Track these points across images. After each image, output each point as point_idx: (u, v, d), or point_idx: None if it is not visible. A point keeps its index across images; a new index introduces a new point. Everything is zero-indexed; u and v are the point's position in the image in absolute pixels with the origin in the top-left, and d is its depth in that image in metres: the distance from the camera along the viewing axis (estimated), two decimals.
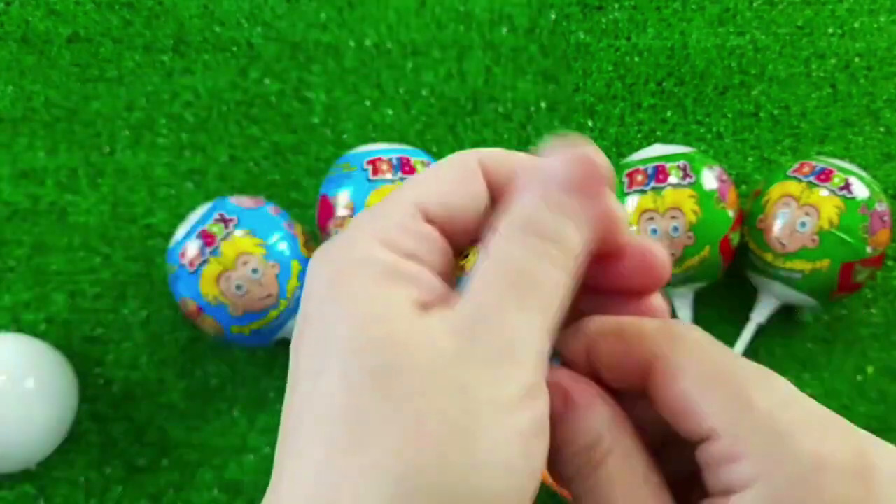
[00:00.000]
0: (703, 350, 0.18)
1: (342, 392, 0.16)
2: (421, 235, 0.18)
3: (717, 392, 0.17)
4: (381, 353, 0.16)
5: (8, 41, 0.57)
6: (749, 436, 0.16)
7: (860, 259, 0.45)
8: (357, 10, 0.59)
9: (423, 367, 0.16)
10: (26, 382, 0.45)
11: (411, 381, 0.16)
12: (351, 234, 0.19)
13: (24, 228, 0.53)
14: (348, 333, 0.17)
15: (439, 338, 0.16)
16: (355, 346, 0.16)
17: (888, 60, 0.58)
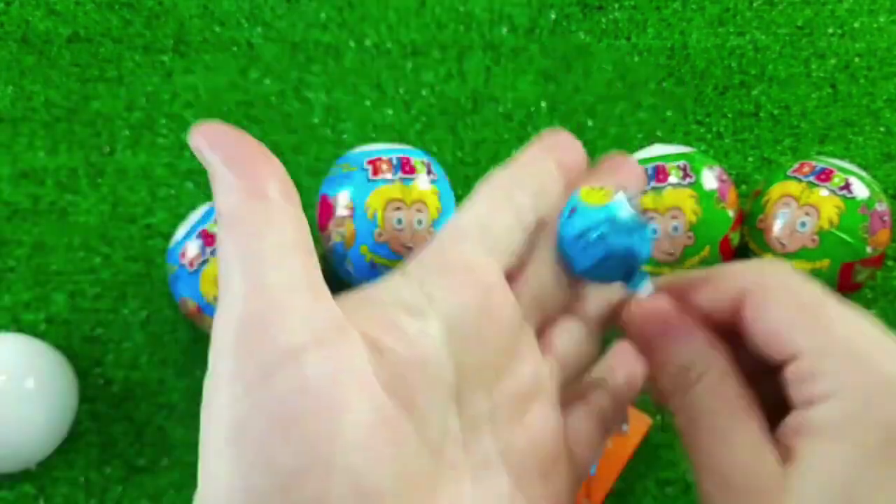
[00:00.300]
0: (790, 283, 0.20)
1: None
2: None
3: (803, 318, 0.19)
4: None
5: (8, 41, 0.57)
6: (830, 355, 0.18)
7: (860, 259, 0.45)
8: (357, 10, 0.59)
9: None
10: (26, 382, 0.45)
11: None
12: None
13: (23, 228, 0.53)
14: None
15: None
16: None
17: (888, 60, 0.58)
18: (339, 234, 0.46)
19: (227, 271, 0.17)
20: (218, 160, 0.18)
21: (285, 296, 0.17)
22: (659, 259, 0.46)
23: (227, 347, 0.17)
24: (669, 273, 0.23)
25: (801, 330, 0.19)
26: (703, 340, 0.21)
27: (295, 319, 0.17)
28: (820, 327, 0.19)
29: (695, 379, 0.20)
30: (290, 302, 0.17)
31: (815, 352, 0.19)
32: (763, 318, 0.20)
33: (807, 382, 0.18)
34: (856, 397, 0.18)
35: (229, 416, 0.16)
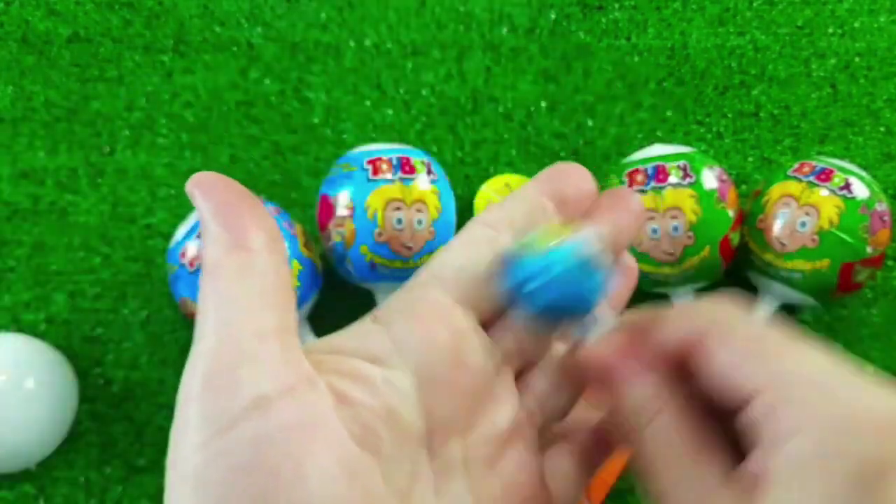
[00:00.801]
0: (739, 323, 0.20)
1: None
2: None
3: (758, 355, 0.19)
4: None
5: (8, 41, 0.57)
6: (790, 391, 0.18)
7: (860, 259, 0.45)
8: (357, 10, 0.59)
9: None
10: (26, 382, 0.45)
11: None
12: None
13: (23, 228, 0.53)
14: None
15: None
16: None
17: (888, 60, 0.58)
18: (339, 234, 0.46)
19: (202, 318, 0.18)
20: (208, 211, 0.19)
21: (254, 345, 0.17)
22: (659, 259, 0.46)
23: (193, 394, 0.17)
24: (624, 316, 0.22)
25: (756, 368, 0.18)
26: (652, 382, 0.20)
27: (263, 369, 0.17)
28: (776, 364, 0.18)
29: (646, 422, 0.20)
30: (259, 351, 0.17)
31: (773, 388, 0.18)
32: (716, 360, 0.19)
33: (767, 421, 0.18)
34: (819, 435, 0.17)
35: (193, 463, 0.16)
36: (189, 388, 0.17)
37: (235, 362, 0.17)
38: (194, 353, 0.17)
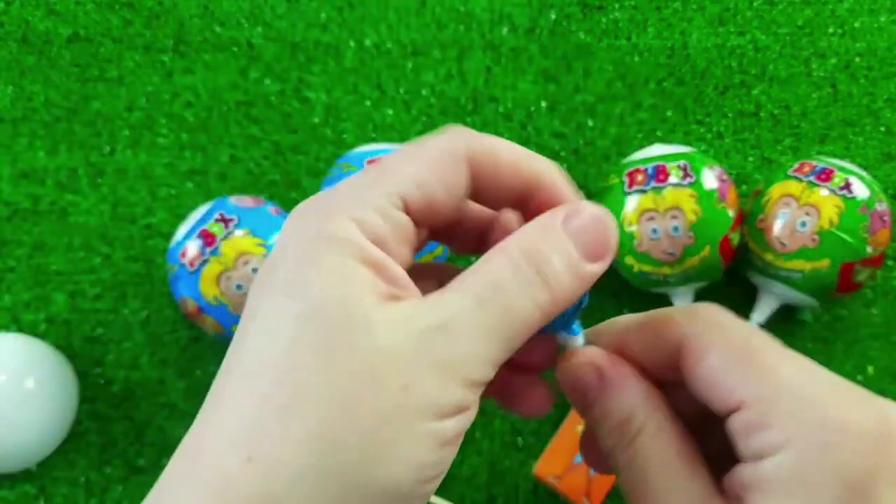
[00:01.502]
0: (729, 328, 0.19)
1: (289, 354, 0.17)
2: (396, 223, 0.19)
3: (744, 365, 0.18)
4: (335, 330, 0.17)
5: (8, 41, 0.57)
6: (776, 404, 0.17)
7: (860, 259, 0.45)
8: (357, 10, 0.59)
9: (372, 354, 0.17)
10: (26, 382, 0.45)
11: (358, 363, 0.17)
12: (331, 203, 0.19)
13: (24, 228, 0.53)
14: (309, 306, 0.17)
15: (395, 332, 0.17)
16: (312, 318, 0.17)
17: (888, 60, 0.58)
18: None
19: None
20: None
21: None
22: (659, 259, 0.46)
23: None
24: (602, 325, 0.22)
25: (742, 378, 0.18)
26: (641, 390, 0.20)
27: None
28: (762, 373, 0.18)
29: (635, 431, 0.19)
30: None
31: (759, 401, 0.18)
32: (702, 368, 0.19)
33: (754, 434, 0.18)
34: (806, 449, 0.17)
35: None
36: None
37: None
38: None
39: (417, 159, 0.19)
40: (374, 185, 0.19)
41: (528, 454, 0.49)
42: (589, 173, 0.55)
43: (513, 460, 0.49)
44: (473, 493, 0.48)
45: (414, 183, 0.19)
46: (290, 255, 0.18)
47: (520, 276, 0.18)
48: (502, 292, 0.18)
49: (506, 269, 0.18)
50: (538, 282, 0.18)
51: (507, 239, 0.19)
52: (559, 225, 0.19)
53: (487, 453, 0.49)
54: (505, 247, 0.19)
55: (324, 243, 0.18)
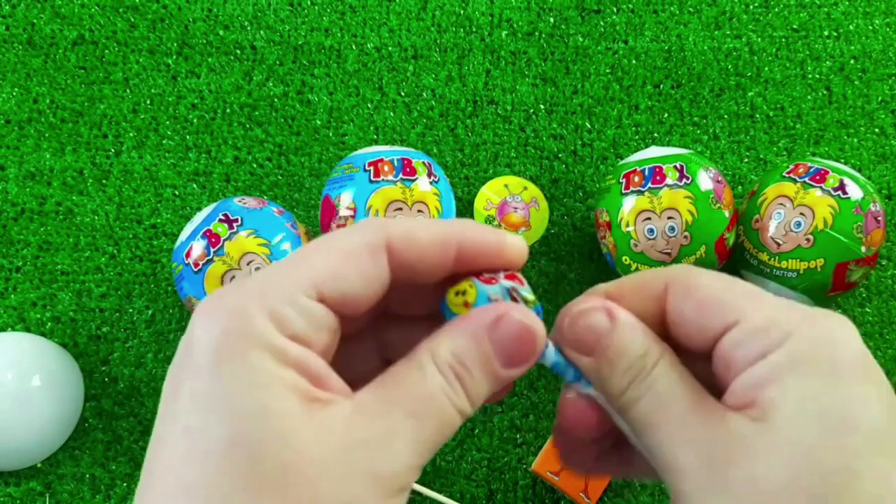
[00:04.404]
0: (706, 271, 0.21)
1: (216, 484, 0.16)
2: (311, 315, 0.18)
3: (732, 289, 0.20)
4: (262, 457, 0.17)
5: (14, 43, 0.58)
6: (771, 312, 0.19)
7: (854, 259, 0.46)
8: (359, 13, 0.59)
9: (305, 472, 0.17)
10: (33, 380, 0.46)
11: (292, 485, 0.16)
12: (242, 299, 0.18)
13: (30, 228, 0.53)
14: (230, 428, 0.17)
15: (326, 447, 0.17)
16: (234, 442, 0.17)
17: (883, 62, 0.59)
18: None
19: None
20: None
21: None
22: (655, 259, 0.46)
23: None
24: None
25: (733, 297, 0.20)
26: (650, 331, 0.21)
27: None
28: (750, 294, 0.20)
29: (653, 364, 0.20)
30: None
31: (756, 312, 0.19)
32: (692, 299, 0.20)
33: (753, 340, 0.19)
34: (801, 344, 0.18)
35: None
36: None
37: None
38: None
39: (332, 252, 0.19)
40: (286, 277, 0.19)
41: (526, 450, 0.49)
42: (587, 174, 0.56)
43: (511, 456, 0.49)
44: (472, 488, 0.49)
45: (328, 274, 0.19)
46: (203, 359, 0.17)
47: (447, 390, 0.19)
48: (433, 406, 0.19)
49: (434, 382, 0.19)
50: (462, 394, 0.19)
51: (434, 344, 0.19)
52: (485, 335, 0.20)
53: (486, 449, 0.49)
54: (433, 356, 0.19)
55: (239, 344, 0.17)
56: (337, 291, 0.19)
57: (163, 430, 0.18)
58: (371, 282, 0.19)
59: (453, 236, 0.20)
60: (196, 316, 0.18)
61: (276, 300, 0.18)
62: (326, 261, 0.19)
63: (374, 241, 0.20)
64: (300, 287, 0.18)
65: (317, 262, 0.19)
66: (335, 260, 0.19)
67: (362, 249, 0.19)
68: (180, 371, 0.18)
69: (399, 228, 0.20)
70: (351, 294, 0.19)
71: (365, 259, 0.19)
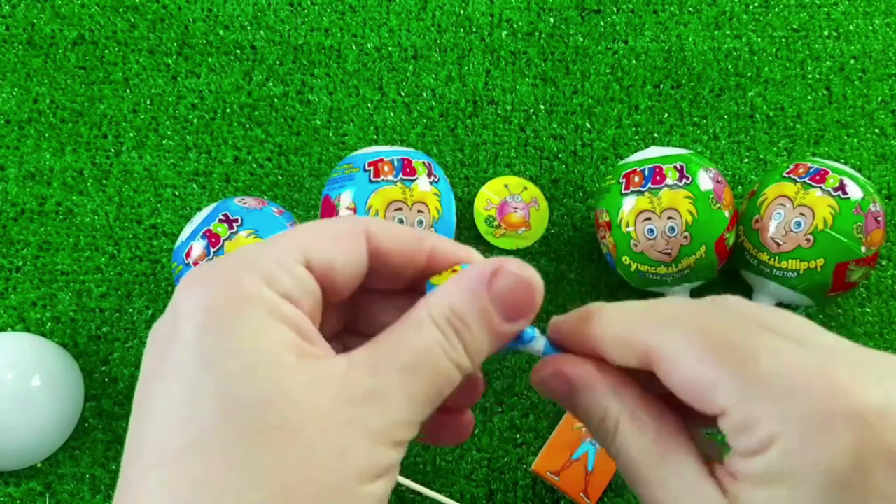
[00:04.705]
0: (693, 326, 0.19)
1: (217, 440, 0.16)
2: (300, 279, 0.19)
3: (719, 367, 0.18)
4: (262, 410, 0.16)
5: (14, 43, 0.58)
6: (758, 403, 0.17)
7: (854, 259, 0.46)
8: (359, 14, 0.59)
9: (304, 424, 0.17)
10: (33, 380, 0.46)
11: (291, 435, 0.17)
12: (233, 264, 0.18)
13: (30, 228, 0.53)
14: (229, 382, 0.17)
15: (323, 399, 0.17)
16: (235, 399, 0.16)
17: (883, 62, 0.59)
18: None
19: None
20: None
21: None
22: (655, 258, 0.46)
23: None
24: (559, 317, 0.22)
25: (719, 383, 0.18)
26: (608, 386, 0.20)
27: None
28: (739, 372, 0.18)
29: (614, 426, 0.20)
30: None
31: (740, 404, 0.17)
32: (676, 381, 0.19)
33: (741, 435, 0.18)
34: (792, 444, 0.17)
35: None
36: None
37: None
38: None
39: (317, 228, 0.20)
40: (274, 246, 0.19)
41: (526, 450, 0.49)
42: (587, 175, 0.56)
43: (511, 456, 0.49)
44: (472, 488, 0.49)
45: (314, 245, 0.19)
46: (193, 319, 0.17)
47: (444, 344, 0.19)
48: (428, 360, 0.18)
49: (430, 336, 0.19)
50: (461, 348, 0.19)
51: (431, 299, 0.19)
52: (483, 288, 0.19)
53: (486, 449, 0.49)
54: (429, 310, 0.19)
55: (230, 300, 0.17)
56: (323, 261, 0.19)
57: (147, 396, 0.17)
58: (351, 260, 0.20)
59: (427, 238, 0.21)
60: (181, 287, 0.18)
61: (266, 263, 0.18)
62: (312, 234, 0.20)
63: (354, 226, 0.20)
64: (289, 253, 0.19)
65: (303, 235, 0.19)
66: (320, 235, 0.20)
67: (344, 230, 0.20)
68: (165, 335, 0.18)
69: (377, 221, 0.21)
70: (335, 268, 0.19)
71: (346, 239, 0.20)
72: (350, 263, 0.20)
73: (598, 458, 0.46)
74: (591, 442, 0.46)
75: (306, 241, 0.19)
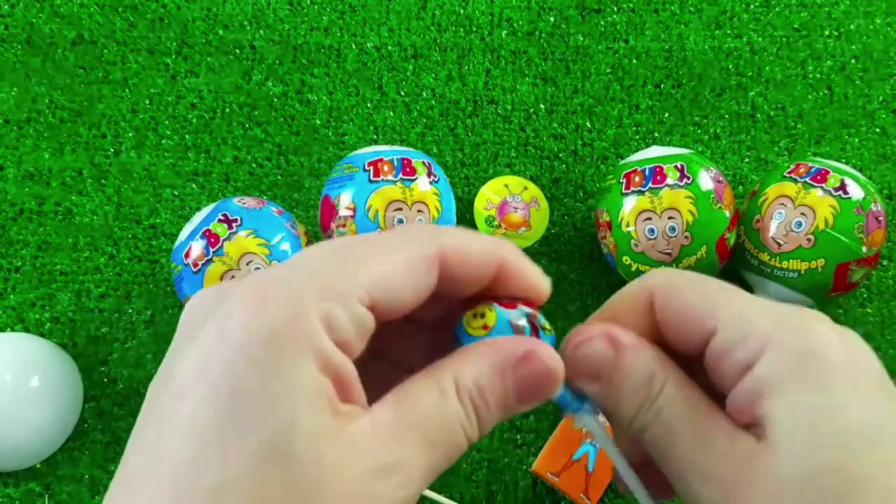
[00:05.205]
0: (688, 274, 0.22)
1: (243, 489, 0.16)
2: (361, 322, 0.18)
3: (711, 296, 0.20)
4: (293, 467, 0.16)
5: (13, 43, 0.58)
6: (749, 317, 0.19)
7: (855, 259, 0.46)
8: (358, 13, 0.59)
9: (329, 497, 0.16)
10: (31, 381, 0.46)
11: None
12: (298, 288, 0.17)
13: (29, 229, 0.53)
14: (266, 430, 0.16)
15: (349, 472, 0.17)
16: (269, 448, 0.16)
17: (884, 62, 0.59)
18: (341, 235, 0.47)
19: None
20: None
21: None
22: (656, 259, 0.46)
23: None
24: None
25: (711, 306, 0.20)
26: (654, 352, 0.21)
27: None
28: (727, 301, 0.20)
29: (659, 387, 0.20)
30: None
31: (731, 319, 0.19)
32: (673, 308, 0.21)
33: (736, 349, 0.19)
34: (786, 347, 0.18)
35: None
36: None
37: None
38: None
39: (392, 256, 0.19)
40: (344, 277, 0.18)
41: (527, 451, 0.49)
42: (587, 174, 0.56)
43: (512, 457, 0.49)
44: (473, 489, 0.49)
45: (385, 281, 0.18)
46: (246, 345, 0.16)
47: (463, 420, 0.19)
48: (448, 436, 0.19)
49: (453, 411, 0.19)
50: (476, 424, 0.19)
51: (459, 370, 0.19)
52: (510, 371, 0.19)
53: (487, 450, 0.49)
54: (456, 383, 0.19)
55: (289, 340, 0.16)
56: (388, 300, 0.18)
57: (161, 415, 0.17)
58: (420, 293, 0.19)
59: (497, 257, 0.20)
60: (241, 297, 0.17)
61: (333, 300, 0.17)
62: (384, 267, 0.18)
63: (431, 252, 0.19)
64: (356, 291, 0.18)
65: (374, 267, 0.18)
66: (392, 267, 0.18)
67: (420, 260, 0.19)
68: (204, 348, 0.17)
69: (453, 241, 0.19)
70: (400, 304, 0.19)
71: (420, 270, 0.19)
72: (416, 297, 0.19)
73: (598, 458, 0.46)
74: (592, 443, 0.46)
75: (375, 270, 0.18)
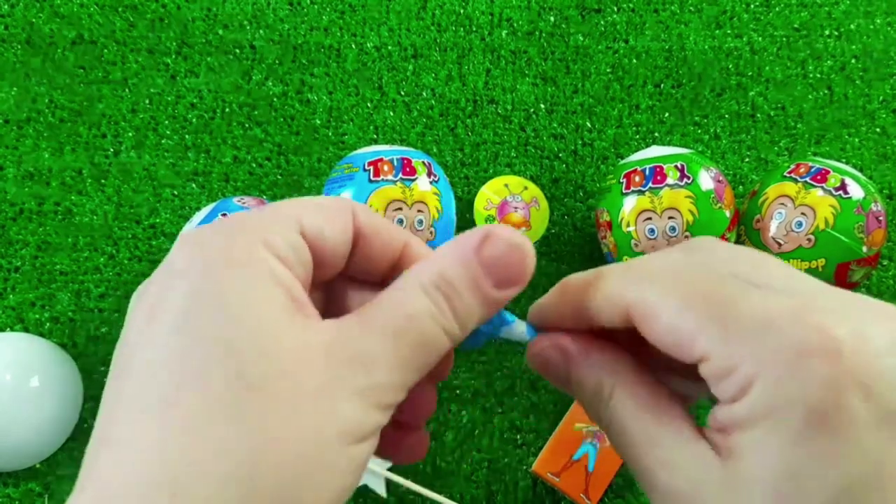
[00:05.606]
0: (671, 279, 0.19)
1: (208, 386, 0.16)
2: (295, 245, 0.19)
3: (697, 314, 0.18)
4: (254, 360, 0.17)
5: (12, 43, 0.58)
6: (737, 346, 0.17)
7: (856, 259, 0.46)
8: (358, 13, 0.59)
9: (295, 382, 0.17)
10: (31, 381, 0.46)
11: (281, 390, 0.17)
12: (231, 227, 0.19)
13: (29, 228, 0.53)
14: (222, 330, 0.17)
15: (313, 357, 0.17)
16: (228, 346, 0.17)
17: (884, 62, 0.59)
18: None
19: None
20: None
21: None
22: None
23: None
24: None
25: (697, 330, 0.18)
26: (603, 356, 0.21)
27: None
28: (718, 317, 0.18)
29: (608, 395, 0.20)
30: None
31: (719, 348, 0.18)
32: (655, 333, 0.19)
33: (722, 381, 0.18)
34: (770, 384, 0.17)
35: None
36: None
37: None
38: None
39: (309, 202, 0.20)
40: (272, 211, 0.19)
41: (527, 451, 0.49)
42: (587, 174, 0.56)
43: (512, 457, 0.49)
44: (473, 489, 0.49)
45: (309, 217, 0.20)
46: (194, 274, 0.18)
47: (433, 310, 0.19)
48: (416, 325, 0.19)
49: (419, 301, 0.19)
50: (450, 314, 0.19)
51: (421, 266, 0.19)
52: (473, 255, 0.19)
53: (487, 450, 0.49)
54: (419, 277, 0.19)
55: (231, 261, 0.18)
56: (315, 231, 0.20)
57: (132, 350, 0.17)
58: (339, 233, 0.20)
59: (404, 237, 0.22)
60: (178, 245, 0.19)
61: (264, 227, 0.19)
62: (305, 206, 0.20)
63: (342, 204, 0.21)
64: (285, 220, 0.19)
65: (297, 206, 0.20)
66: (312, 207, 0.20)
67: (334, 206, 0.20)
68: (157, 291, 0.18)
69: (361, 205, 0.21)
70: (325, 238, 0.20)
71: (336, 214, 0.20)
72: (338, 236, 0.20)
73: (598, 458, 0.46)
74: (592, 443, 0.46)
75: (300, 211, 0.20)
